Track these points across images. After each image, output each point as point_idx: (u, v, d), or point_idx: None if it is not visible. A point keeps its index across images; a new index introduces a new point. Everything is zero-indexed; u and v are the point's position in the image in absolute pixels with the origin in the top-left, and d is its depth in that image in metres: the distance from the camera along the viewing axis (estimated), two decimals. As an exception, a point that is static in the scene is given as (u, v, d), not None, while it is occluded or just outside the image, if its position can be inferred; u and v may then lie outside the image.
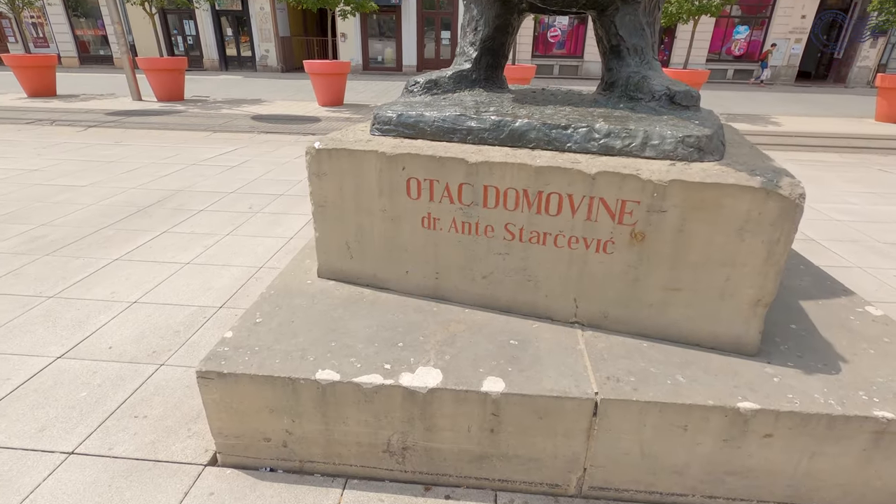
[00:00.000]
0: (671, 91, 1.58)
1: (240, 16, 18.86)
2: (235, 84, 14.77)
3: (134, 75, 10.26)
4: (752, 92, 15.06)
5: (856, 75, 17.06)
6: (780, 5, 16.56)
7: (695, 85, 9.36)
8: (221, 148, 5.78)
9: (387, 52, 18.67)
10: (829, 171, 5.38)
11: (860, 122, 9.41)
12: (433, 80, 1.87)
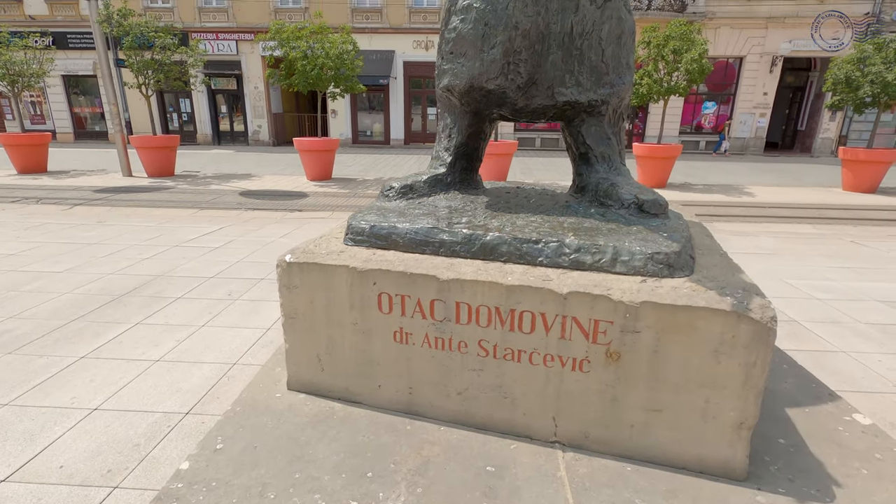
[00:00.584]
0: (640, 200, 1.62)
1: (234, 94, 19.69)
2: (227, 158, 15.13)
3: (126, 152, 10.47)
4: (724, 162, 15.78)
5: (820, 145, 18.05)
6: (743, 84, 17.79)
7: (669, 159, 9.78)
8: (206, 227, 5.79)
9: (375, 126, 19.45)
10: (805, 243, 5.51)
11: (829, 192, 9.82)
12: (408, 186, 1.90)
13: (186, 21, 18.42)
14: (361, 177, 11.11)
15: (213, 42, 18.51)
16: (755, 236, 5.77)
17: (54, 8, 18.58)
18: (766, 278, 4.11)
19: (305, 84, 9.26)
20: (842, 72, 9.41)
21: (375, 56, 17.65)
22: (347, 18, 17.99)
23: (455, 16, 1.63)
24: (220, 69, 18.96)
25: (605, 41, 1.65)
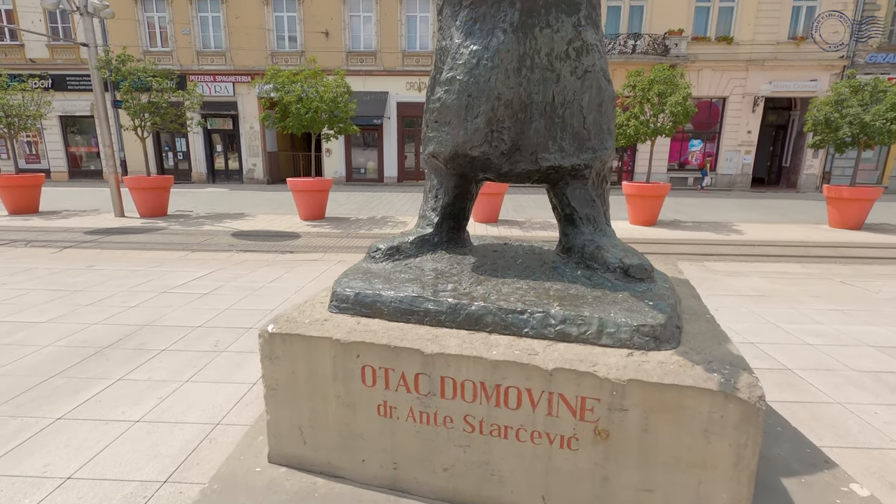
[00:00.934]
0: (625, 265, 1.62)
1: (230, 133, 19.98)
2: (221, 197, 15.20)
3: (119, 193, 10.49)
4: (712, 199, 16.04)
5: (804, 181, 18.45)
6: (727, 123, 18.31)
7: (658, 197, 9.93)
8: (196, 271, 5.74)
9: (369, 164, 19.72)
10: (795, 284, 5.54)
11: (816, 229, 9.97)
12: (395, 247, 1.90)
13: (185, 64, 18.86)
14: (354, 216, 11.16)
15: (210, 84, 18.90)
16: (747, 276, 5.80)
17: (55, 52, 18.99)
18: (759, 323, 4.10)
19: (300, 127, 9.42)
20: (821, 113, 9.71)
21: (369, 97, 18.06)
22: (343, 61, 18.50)
23: (440, 86, 1.67)
24: (216, 109, 19.29)
25: (587, 109, 1.69)
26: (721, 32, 17.72)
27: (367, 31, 18.51)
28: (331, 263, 6.33)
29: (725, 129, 18.44)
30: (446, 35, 1.72)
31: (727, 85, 18.00)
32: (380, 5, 18.11)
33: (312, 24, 18.35)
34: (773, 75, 17.72)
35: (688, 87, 9.35)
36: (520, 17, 1.56)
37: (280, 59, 18.76)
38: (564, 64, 1.63)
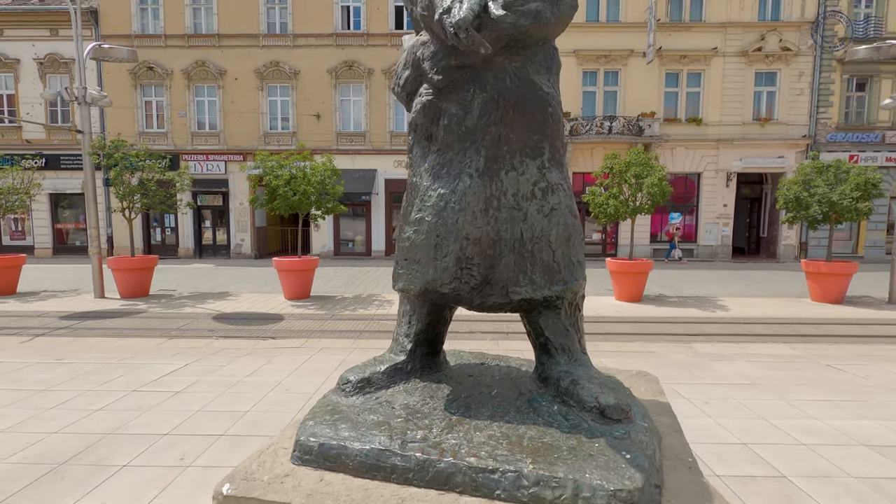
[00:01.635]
0: (601, 405, 1.57)
1: (220, 209, 20.23)
2: (206, 274, 15.09)
3: (101, 274, 10.36)
4: (696, 271, 16.30)
5: (783, 252, 18.94)
6: (704, 196, 19.07)
7: (642, 274, 10.06)
8: (171, 363, 5.54)
9: (357, 238, 19.93)
10: (782, 369, 5.48)
11: (798, 303, 10.09)
12: (366, 379, 1.84)
13: (179, 144, 19.45)
14: (340, 293, 11.08)
15: (202, 162, 19.40)
16: (733, 362, 5.73)
17: (52, 133, 19.53)
18: (750, 418, 3.99)
19: (287, 208, 9.56)
20: (791, 192, 10.15)
21: (358, 174, 18.61)
22: (333, 142, 19.23)
23: (409, 226, 1.69)
24: (207, 187, 19.66)
25: (555, 243, 1.71)
26: (690, 114, 18.90)
27: (356, 114, 19.44)
28: (312, 351, 6.17)
29: (703, 203, 19.15)
30: (416, 173, 1.77)
31: (700, 161, 18.92)
32: (369, 90, 19.16)
33: (304, 107, 19.26)
34: (742, 153, 18.73)
35: (662, 170, 9.78)
36: (485, 163, 1.62)
37: (272, 139, 19.45)
38: (531, 203, 1.67)
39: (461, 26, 1.25)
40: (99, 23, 19.20)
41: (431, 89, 1.62)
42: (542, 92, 1.65)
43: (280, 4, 19.20)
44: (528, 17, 1.54)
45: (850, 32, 18.30)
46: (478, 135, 1.59)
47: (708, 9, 18.56)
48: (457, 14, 1.27)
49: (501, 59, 1.59)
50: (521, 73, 1.62)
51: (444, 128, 1.60)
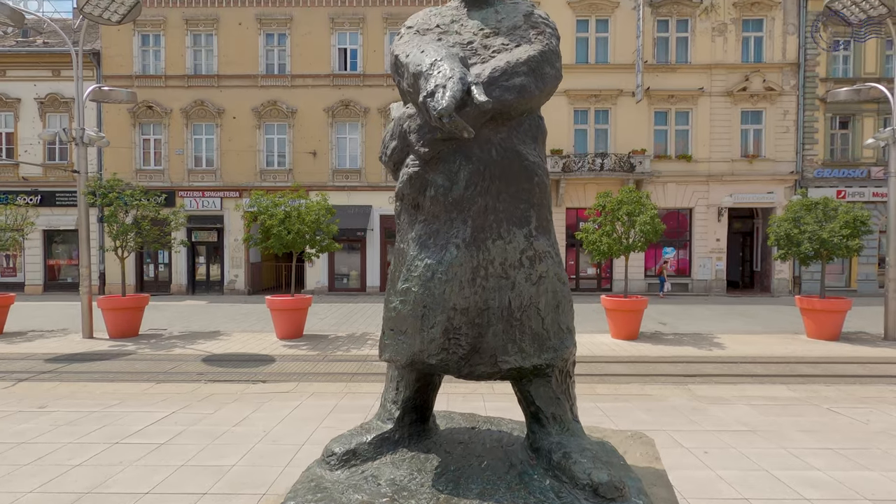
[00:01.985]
0: (594, 483, 1.52)
1: (214, 245, 20.19)
2: (198, 311, 14.92)
3: (90, 314, 10.22)
4: (691, 305, 16.27)
5: (777, 285, 19.00)
6: (696, 231, 19.26)
7: (637, 311, 10.01)
8: (156, 411, 5.38)
9: (352, 273, 19.87)
10: (782, 413, 5.39)
11: (795, 340, 10.03)
12: (352, 451, 1.78)
13: (175, 181, 19.58)
14: (334, 332, 10.94)
15: (198, 199, 19.49)
16: (733, 406, 5.64)
17: (48, 170, 19.64)
18: (751, 469, 3.89)
19: (281, 247, 9.55)
20: (781, 230, 10.25)
21: (354, 210, 18.71)
22: (329, 178, 19.43)
23: (395, 296, 1.67)
24: (202, 223, 19.68)
25: (544, 311, 1.69)
26: (680, 151, 19.30)
27: (352, 151, 19.73)
28: (303, 397, 6.03)
29: (695, 238, 19.31)
30: (404, 240, 1.76)
31: (691, 197, 19.19)
32: (365, 128, 19.52)
33: (301, 144, 19.54)
34: (732, 188, 19.04)
35: (654, 208, 9.88)
36: (472, 233, 1.61)
37: (268, 176, 19.63)
38: (518, 272, 1.66)
39: (444, 114, 1.27)
40: (101, 64, 19.63)
41: (418, 160, 1.63)
42: (528, 162, 1.66)
43: (279, 46, 19.75)
44: (512, 93, 1.57)
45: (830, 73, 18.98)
46: (464, 205, 1.60)
47: (693, 51, 19.22)
48: (440, 101, 1.29)
49: (487, 130, 1.61)
50: (506, 144, 1.64)
51: (431, 199, 1.61)
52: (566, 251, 19.22)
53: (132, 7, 9.07)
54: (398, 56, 1.65)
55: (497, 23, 1.77)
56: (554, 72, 1.71)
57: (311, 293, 19.27)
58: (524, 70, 1.58)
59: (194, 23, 19.58)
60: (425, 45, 1.51)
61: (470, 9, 1.86)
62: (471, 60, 1.67)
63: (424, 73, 1.39)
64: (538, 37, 1.72)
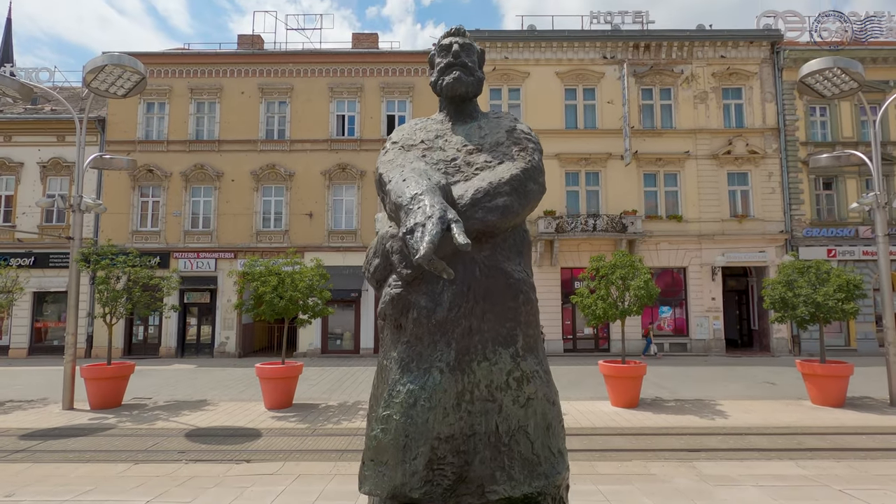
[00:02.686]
0: None
1: (207, 306, 19.95)
2: (186, 377, 14.48)
3: (73, 383, 9.87)
4: (691, 367, 15.98)
5: (776, 345, 18.77)
6: (691, 290, 19.26)
7: (636, 378, 9.79)
8: (131, 499, 5.05)
9: (346, 335, 19.54)
10: (793, 497, 5.12)
11: (799, 407, 9.75)
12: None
13: (171, 242, 19.64)
14: (325, 401, 10.57)
15: (193, 260, 19.47)
16: (740, 486, 5.37)
17: (44, 231, 19.71)
18: (764, 569, 3.62)
19: (273, 314, 9.41)
20: (776, 293, 10.25)
21: (348, 271, 18.68)
22: (324, 239, 19.55)
23: (376, 423, 1.59)
24: (196, 284, 19.56)
25: (534, 434, 1.61)
26: (671, 212, 19.66)
27: (348, 212, 20.00)
28: (289, 479, 5.71)
29: (691, 297, 19.28)
30: (387, 357, 1.70)
31: (684, 256, 19.35)
32: (361, 190, 19.90)
33: (298, 206, 19.82)
34: (724, 248, 19.25)
35: (648, 272, 9.91)
36: (456, 356, 1.56)
37: (264, 237, 19.75)
38: (505, 394, 1.59)
39: (422, 262, 1.25)
40: (105, 129, 20.21)
41: (400, 281, 1.60)
42: (514, 280, 1.64)
43: (279, 113, 20.50)
44: (495, 213, 1.56)
45: (809, 137, 19.77)
46: (448, 327, 1.55)
47: (677, 117, 20.07)
48: (419, 243, 1.27)
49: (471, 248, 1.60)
50: (490, 262, 1.62)
51: (414, 321, 1.56)
52: (562, 310, 19.09)
53: (137, 83, 9.44)
54: (382, 175, 1.67)
55: (480, 139, 1.81)
56: (537, 187, 1.72)
57: (304, 355, 18.88)
58: (507, 190, 1.59)
59: (199, 92, 20.40)
60: (408, 172, 1.52)
61: (454, 122, 1.90)
62: (454, 178, 1.68)
63: (405, 207, 1.39)
64: (521, 153, 1.74)
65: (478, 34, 20.29)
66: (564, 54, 20.31)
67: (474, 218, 1.49)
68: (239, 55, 20.87)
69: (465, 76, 1.95)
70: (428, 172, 1.52)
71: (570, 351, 19.13)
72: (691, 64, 20.20)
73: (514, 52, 20.32)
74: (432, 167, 1.71)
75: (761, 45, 20.21)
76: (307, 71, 20.49)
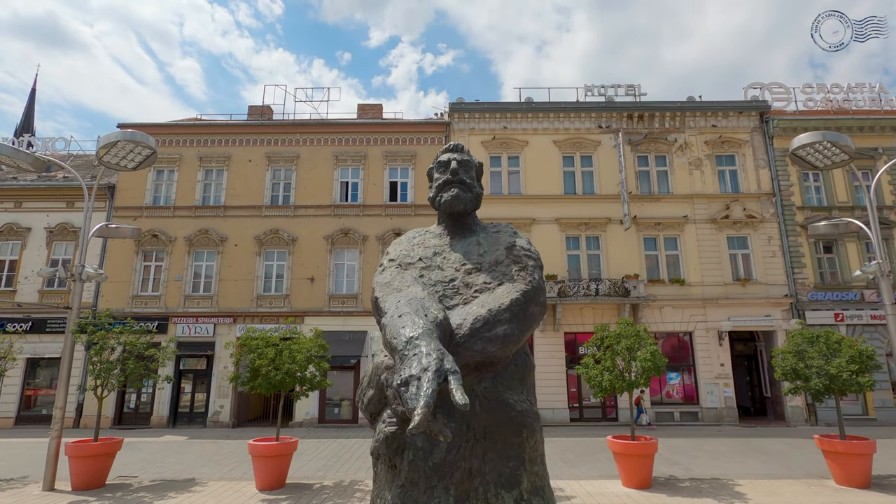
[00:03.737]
0: None
1: (203, 372, 19.47)
2: (176, 451, 13.85)
3: (55, 462, 9.40)
4: (704, 438, 15.28)
5: (791, 414, 18.04)
6: (699, 355, 18.79)
7: (648, 456, 9.30)
8: None
9: (344, 404, 18.90)
10: None
11: (823, 487, 9.17)
12: None
13: (171, 307, 19.49)
14: (319, 480, 10.01)
15: (191, 325, 19.24)
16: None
17: (44, 296, 19.65)
18: None
19: (269, 388, 9.12)
20: (787, 364, 9.95)
21: (348, 336, 18.40)
22: (325, 304, 19.41)
23: None
24: (192, 350, 19.20)
25: None
26: (673, 275, 19.61)
27: (350, 276, 19.99)
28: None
29: (699, 362, 18.78)
30: (382, 497, 1.56)
31: (689, 320, 19.06)
32: (363, 255, 20.00)
33: (299, 271, 19.85)
34: (729, 312, 18.99)
35: (654, 343, 9.68)
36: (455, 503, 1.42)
37: (265, 301, 19.63)
38: None
39: (415, 432, 1.17)
40: (114, 196, 20.67)
41: (395, 418, 1.50)
42: (515, 412, 1.53)
43: (285, 179, 21.03)
44: (495, 344, 1.49)
45: (805, 202, 20.08)
46: (446, 471, 1.43)
47: (673, 183, 20.50)
48: (414, 405, 1.18)
49: (469, 380, 1.51)
50: (490, 394, 1.52)
51: (409, 463, 1.44)
52: (567, 376, 18.54)
53: (147, 156, 9.72)
54: (378, 300, 1.61)
55: (479, 256, 1.76)
56: (538, 309, 1.65)
57: (300, 425, 18.18)
58: (507, 317, 1.52)
59: (208, 160, 21.06)
60: (404, 305, 1.46)
61: (453, 237, 1.87)
62: (452, 301, 1.62)
63: (400, 352, 1.32)
64: (520, 273, 1.69)
65: (477, 106, 21.21)
66: (561, 124, 21.10)
67: (473, 350, 1.42)
68: (248, 125, 21.74)
69: (462, 193, 1.96)
70: (425, 304, 1.46)
71: (576, 420, 18.39)
72: (684, 132, 20.92)
73: (513, 121, 21.12)
74: (430, 290, 1.65)
75: (750, 114, 21.01)
76: (313, 140, 21.24)
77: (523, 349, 1.70)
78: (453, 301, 1.61)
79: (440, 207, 1.98)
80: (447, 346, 1.38)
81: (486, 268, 1.71)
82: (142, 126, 20.81)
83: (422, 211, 19.97)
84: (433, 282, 1.66)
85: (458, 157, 2.09)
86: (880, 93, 21.40)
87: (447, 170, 2.02)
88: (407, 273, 1.72)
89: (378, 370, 1.60)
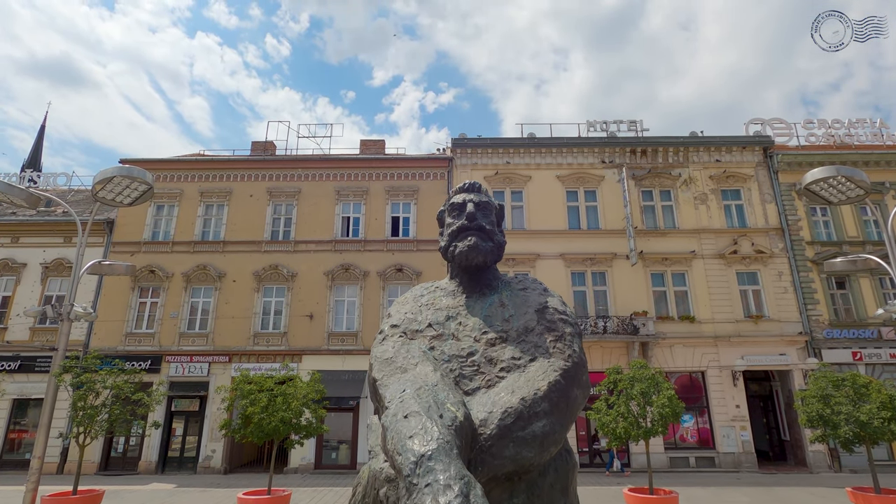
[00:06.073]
0: None
1: (195, 414, 18.69)
2: (162, 501, 13.02)
3: (29, 518, 8.71)
4: (723, 486, 14.41)
5: (813, 459, 17.11)
6: (713, 396, 18.01)
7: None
8: None
9: (342, 448, 18.02)
10: None
11: (861, 548, 8.42)
12: None
13: (165, 345, 18.92)
14: (313, 538, 9.26)
15: (185, 364, 18.61)
16: None
17: (35, 333, 19.14)
18: None
19: (262, 436, 8.54)
20: (812, 410, 9.36)
21: (347, 376, 17.74)
22: (324, 341, 18.82)
23: None
24: (186, 391, 18.52)
25: None
26: (682, 312, 19.04)
27: (349, 314, 19.46)
28: None
29: (713, 403, 17.99)
30: None
31: (701, 359, 18.38)
32: (364, 291, 19.54)
33: (298, 307, 19.35)
34: (742, 350, 18.33)
35: (671, 388, 9.14)
36: None
37: (262, 339, 19.05)
38: None
39: None
40: (112, 231, 20.42)
41: None
42: None
43: (286, 215, 20.82)
44: (532, 448, 1.07)
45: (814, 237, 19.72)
46: None
47: (679, 218, 20.23)
48: None
49: (497, 494, 1.09)
50: None
51: None
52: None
53: (144, 192, 9.45)
54: (377, 382, 1.20)
55: (504, 322, 1.36)
56: (581, 392, 1.25)
57: (296, 471, 17.28)
58: (545, 408, 1.11)
59: (209, 195, 20.93)
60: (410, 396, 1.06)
61: (469, 296, 1.47)
62: (472, 383, 1.21)
63: (407, 478, 0.91)
64: (557, 345, 1.29)
65: (480, 141, 21.22)
66: (564, 159, 21.03)
67: (503, 457, 1.02)
68: (250, 160, 21.71)
69: (482, 243, 1.58)
70: (438, 396, 1.06)
71: (587, 466, 17.46)
72: (688, 167, 20.81)
73: (516, 157, 21.07)
74: (443, 370, 1.25)
75: (754, 149, 20.95)
76: (315, 175, 21.16)
77: (565, 445, 1.28)
78: (473, 383, 1.20)
79: (454, 259, 1.60)
80: (468, 452, 0.97)
81: (514, 337, 1.31)
82: (144, 161, 20.80)
83: (424, 246, 19.65)
84: (447, 356, 1.26)
85: (475, 198, 1.72)
86: (881, 128, 21.42)
87: (462, 213, 1.65)
88: (413, 345, 1.32)
89: (376, 482, 1.19)
